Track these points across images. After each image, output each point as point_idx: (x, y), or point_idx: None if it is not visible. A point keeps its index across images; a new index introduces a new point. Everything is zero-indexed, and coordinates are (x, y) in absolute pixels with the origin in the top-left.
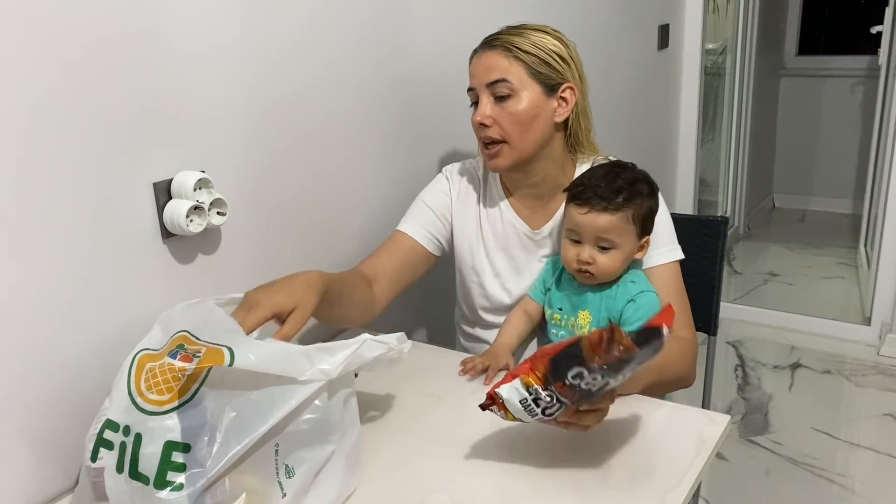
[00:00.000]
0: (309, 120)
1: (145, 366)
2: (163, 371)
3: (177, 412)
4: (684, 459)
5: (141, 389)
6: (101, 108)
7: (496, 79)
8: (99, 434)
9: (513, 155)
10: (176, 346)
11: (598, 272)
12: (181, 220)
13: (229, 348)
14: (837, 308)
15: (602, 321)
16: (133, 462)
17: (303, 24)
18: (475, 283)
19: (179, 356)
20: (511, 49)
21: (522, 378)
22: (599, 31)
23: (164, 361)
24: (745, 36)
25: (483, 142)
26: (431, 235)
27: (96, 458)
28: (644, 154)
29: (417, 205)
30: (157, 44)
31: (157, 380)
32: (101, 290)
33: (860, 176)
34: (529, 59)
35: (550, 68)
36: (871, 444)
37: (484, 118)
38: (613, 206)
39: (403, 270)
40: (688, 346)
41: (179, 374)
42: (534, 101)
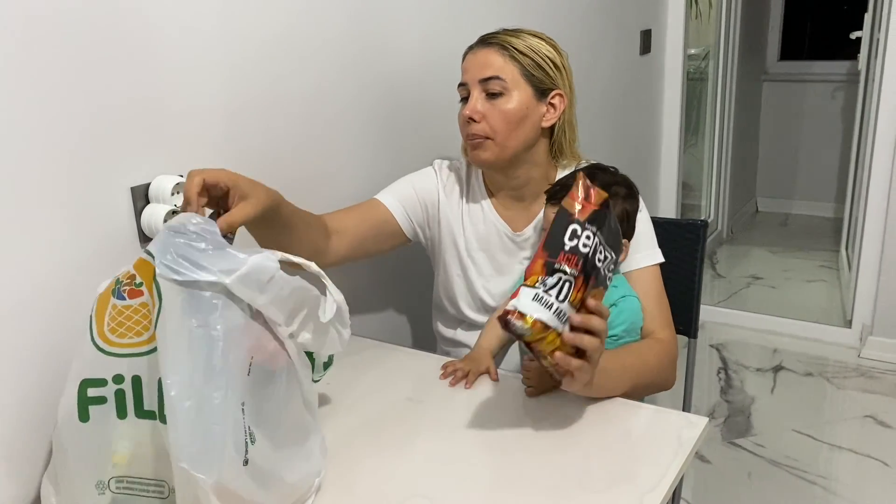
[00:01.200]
0: (289, 123)
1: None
2: (126, 314)
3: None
4: (663, 461)
5: (106, 336)
6: (78, 112)
7: (490, 75)
8: (80, 395)
9: (496, 151)
10: (114, 286)
11: None
12: (159, 224)
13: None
14: (819, 311)
15: None
16: (137, 402)
17: (282, 27)
18: (460, 277)
19: (125, 292)
20: (507, 48)
21: (525, 284)
22: (582, 36)
23: (113, 303)
24: (728, 41)
25: (468, 138)
26: (408, 216)
27: (87, 417)
28: (627, 158)
29: (403, 184)
30: (135, 46)
31: (126, 324)
32: (77, 296)
33: (841, 180)
34: (525, 60)
35: (543, 73)
36: (852, 446)
37: (473, 112)
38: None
39: (367, 237)
40: (667, 349)
41: (142, 308)
42: (524, 102)
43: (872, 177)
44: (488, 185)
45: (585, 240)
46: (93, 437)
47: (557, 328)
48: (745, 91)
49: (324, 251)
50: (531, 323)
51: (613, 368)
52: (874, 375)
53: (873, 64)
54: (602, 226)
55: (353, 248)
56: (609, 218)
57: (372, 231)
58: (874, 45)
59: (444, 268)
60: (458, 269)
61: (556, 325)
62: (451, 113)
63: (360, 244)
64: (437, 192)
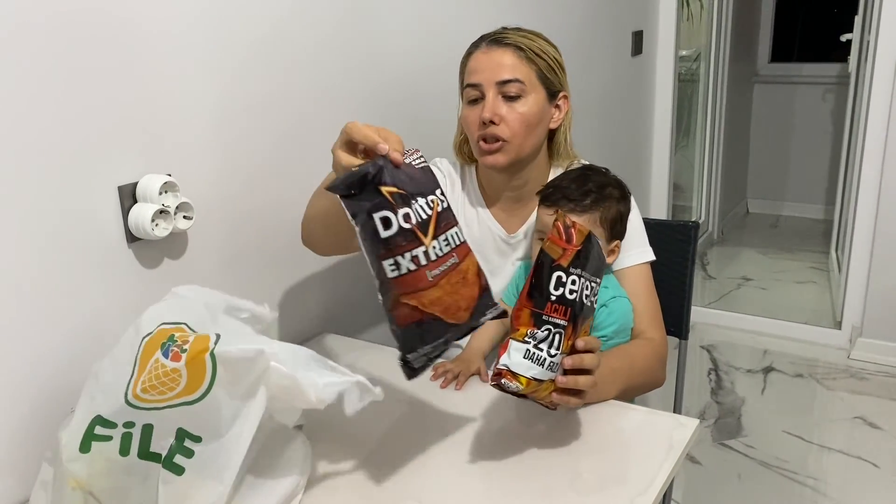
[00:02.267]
0: (279, 123)
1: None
2: (157, 373)
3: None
4: (654, 463)
5: (137, 393)
6: (65, 110)
7: (509, 77)
8: (89, 429)
9: (511, 154)
10: (168, 338)
11: None
12: (146, 223)
13: (217, 334)
14: (809, 312)
15: None
16: (144, 444)
17: (272, 27)
18: None
19: (171, 353)
20: (523, 49)
21: (514, 337)
22: (574, 36)
23: (157, 359)
24: (719, 43)
25: (483, 140)
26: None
27: (88, 448)
28: (618, 159)
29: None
30: (124, 44)
31: (154, 383)
32: (64, 295)
33: (832, 182)
34: (540, 62)
35: (554, 75)
36: (841, 447)
37: (493, 115)
38: (581, 208)
39: None
40: (657, 348)
41: (173, 374)
42: (540, 105)
43: (862, 179)
44: (483, 187)
45: (571, 285)
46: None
47: (552, 378)
48: (736, 93)
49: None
50: (525, 382)
51: (604, 375)
52: (864, 377)
53: (863, 66)
54: (586, 263)
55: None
56: (592, 249)
57: None
58: (864, 47)
59: None
60: None
61: (550, 376)
62: (443, 113)
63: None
64: (444, 183)
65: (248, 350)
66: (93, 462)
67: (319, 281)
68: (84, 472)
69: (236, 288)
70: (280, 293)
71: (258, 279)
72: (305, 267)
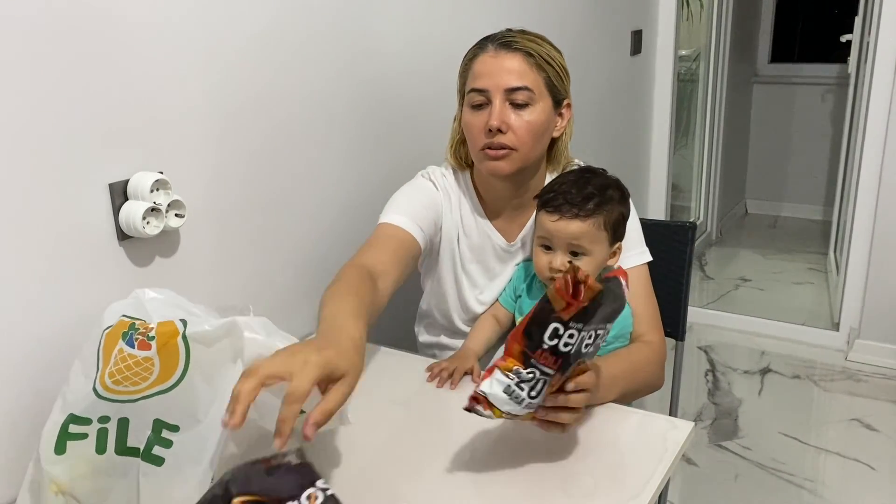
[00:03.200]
0: (272, 121)
1: (111, 353)
2: (126, 363)
3: (162, 395)
4: (648, 466)
5: (106, 384)
6: (56, 106)
7: (519, 85)
8: (63, 429)
9: (517, 163)
10: (128, 327)
11: None
12: (137, 221)
13: (182, 319)
14: (807, 313)
15: None
16: (120, 439)
17: (265, 23)
18: (453, 291)
19: (136, 342)
20: (534, 56)
21: (500, 366)
22: (573, 35)
23: (121, 349)
24: (719, 43)
25: (489, 147)
26: (421, 230)
27: (63, 450)
28: (617, 159)
29: (409, 200)
30: (116, 41)
31: (125, 374)
32: (53, 293)
33: (831, 182)
34: (549, 70)
35: (561, 82)
36: (838, 449)
37: (502, 123)
38: (584, 213)
39: (403, 262)
40: (656, 351)
41: (145, 363)
42: (547, 113)
43: (861, 180)
44: (480, 193)
45: (568, 338)
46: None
47: (529, 412)
48: (736, 93)
49: (380, 303)
50: (499, 414)
51: (604, 382)
52: (861, 378)
53: (863, 67)
54: (591, 318)
55: (395, 284)
56: (603, 303)
57: (406, 259)
58: (864, 48)
59: (438, 281)
60: (453, 282)
61: (527, 412)
62: (438, 114)
63: (399, 277)
64: (441, 205)
65: (220, 324)
66: (71, 464)
67: (312, 280)
68: (65, 476)
69: (227, 287)
70: (272, 292)
71: (250, 278)
72: (297, 267)
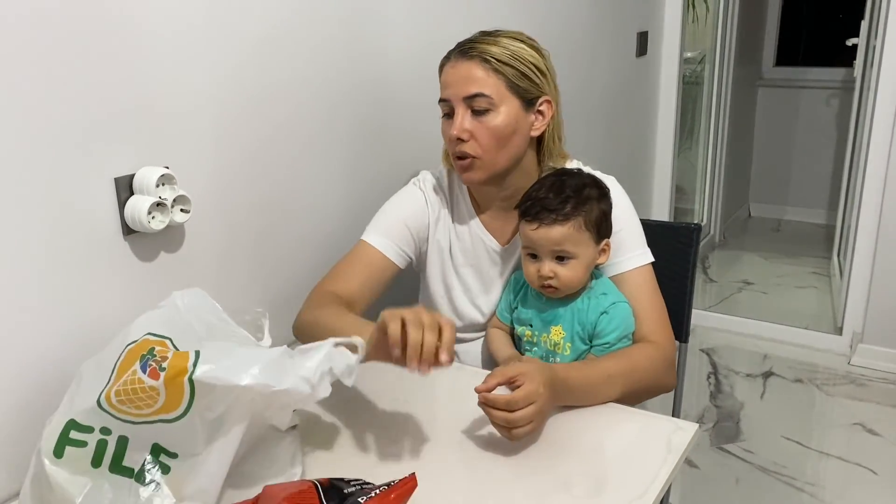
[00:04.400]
0: (278, 118)
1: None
2: (133, 387)
3: (164, 424)
4: (651, 467)
5: (111, 400)
6: (62, 100)
7: (474, 92)
8: (64, 432)
9: (487, 169)
10: (147, 351)
11: (561, 286)
12: (142, 216)
13: (196, 351)
14: (810, 317)
15: (575, 335)
16: (117, 457)
17: (274, 21)
18: (444, 298)
19: (149, 369)
20: (489, 60)
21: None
22: (579, 36)
23: (135, 371)
24: (724, 46)
25: (455, 155)
26: (401, 250)
27: (62, 454)
28: (621, 161)
29: (391, 217)
30: (123, 33)
31: (131, 396)
32: (58, 287)
33: (835, 186)
34: (508, 71)
35: (529, 81)
36: (840, 454)
37: (461, 132)
38: (563, 217)
39: (375, 292)
40: (661, 350)
41: (150, 392)
42: (513, 116)
43: (866, 184)
44: (475, 199)
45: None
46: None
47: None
48: (741, 96)
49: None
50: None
51: (597, 380)
52: (864, 383)
53: (869, 71)
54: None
55: (367, 306)
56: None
57: (377, 285)
58: (870, 52)
59: (427, 287)
60: (442, 289)
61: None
62: (439, 116)
63: (371, 299)
64: (427, 216)
65: (225, 381)
66: (67, 468)
67: (316, 275)
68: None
69: (232, 283)
70: (276, 288)
71: (254, 274)
72: (302, 263)
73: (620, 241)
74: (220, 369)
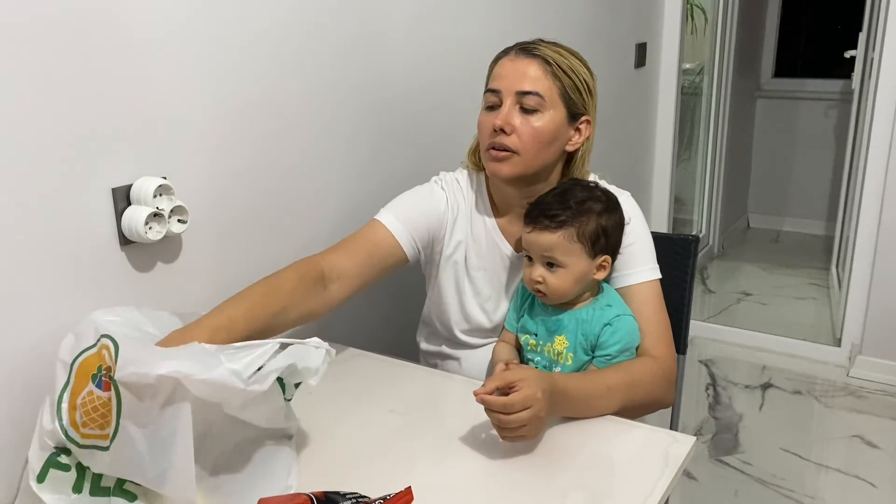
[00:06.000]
0: (276, 127)
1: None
2: (93, 404)
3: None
4: (649, 480)
5: (76, 424)
6: (59, 110)
7: (530, 89)
8: (53, 456)
9: (518, 167)
10: (96, 368)
11: (548, 291)
12: (140, 226)
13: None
14: (809, 329)
15: (578, 346)
16: (95, 481)
17: (273, 31)
18: (455, 301)
19: (104, 384)
20: (551, 64)
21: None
22: (577, 47)
23: (91, 390)
24: (723, 57)
25: (492, 148)
26: (413, 241)
27: (44, 478)
28: (620, 171)
29: (409, 205)
30: (120, 45)
31: (92, 416)
32: (53, 295)
33: (833, 198)
34: (565, 80)
35: (579, 96)
36: (839, 466)
37: (505, 124)
38: (555, 224)
39: (372, 273)
40: (662, 365)
41: (109, 402)
42: (557, 123)
43: (864, 195)
44: (494, 201)
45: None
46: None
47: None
48: (739, 107)
49: (323, 305)
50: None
51: (596, 392)
52: (863, 395)
53: (867, 83)
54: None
55: (357, 286)
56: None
57: (378, 269)
58: (868, 64)
59: (438, 289)
60: (454, 291)
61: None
62: (446, 120)
63: (363, 283)
64: (447, 214)
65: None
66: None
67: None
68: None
69: (228, 293)
70: None
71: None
72: None
73: (632, 254)
74: (137, 362)
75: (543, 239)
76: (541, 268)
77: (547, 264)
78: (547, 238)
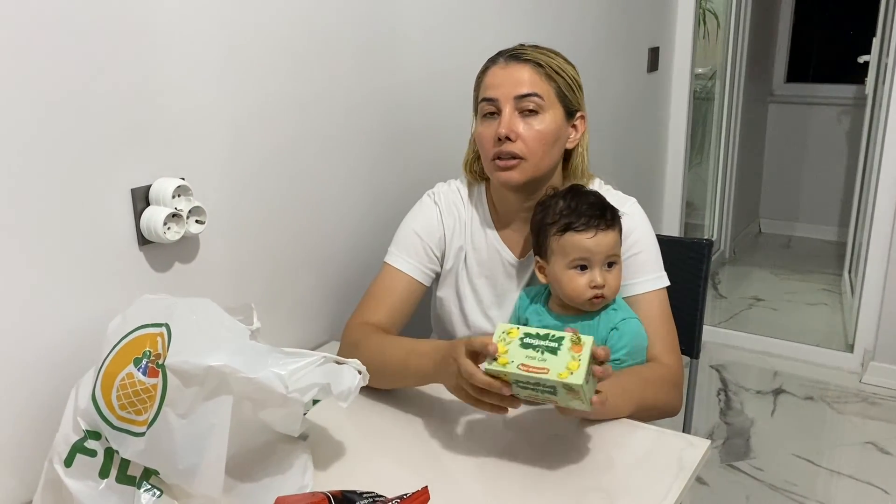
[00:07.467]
0: (292, 128)
1: (116, 375)
2: (133, 388)
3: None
4: (663, 484)
5: (112, 405)
6: (80, 111)
7: (528, 92)
8: (80, 441)
9: (528, 172)
10: (143, 353)
11: (609, 293)
12: (158, 227)
13: (168, 329)
14: (821, 334)
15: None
16: (123, 467)
17: (290, 32)
18: (455, 307)
19: (149, 370)
20: (543, 66)
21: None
22: (590, 52)
23: (131, 373)
24: (735, 62)
25: (498, 156)
26: (425, 268)
27: (71, 463)
28: (632, 176)
29: (408, 236)
30: (139, 44)
31: (132, 399)
32: (73, 295)
33: (846, 203)
34: (559, 80)
35: (573, 93)
36: (851, 472)
37: (510, 131)
38: (611, 221)
39: (406, 311)
40: (671, 373)
41: (152, 390)
42: (558, 123)
43: (877, 201)
44: (494, 206)
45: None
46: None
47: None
48: (751, 112)
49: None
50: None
51: (615, 394)
52: (875, 401)
53: (881, 88)
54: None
55: (400, 330)
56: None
57: (408, 307)
58: (882, 69)
59: (439, 297)
60: (455, 298)
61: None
62: (458, 121)
63: (403, 323)
64: (442, 230)
65: (197, 365)
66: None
67: (329, 289)
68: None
69: (245, 294)
70: (289, 300)
71: (268, 285)
72: (315, 275)
73: (639, 263)
74: (189, 351)
75: (609, 238)
76: (602, 271)
77: (607, 264)
78: (612, 237)
